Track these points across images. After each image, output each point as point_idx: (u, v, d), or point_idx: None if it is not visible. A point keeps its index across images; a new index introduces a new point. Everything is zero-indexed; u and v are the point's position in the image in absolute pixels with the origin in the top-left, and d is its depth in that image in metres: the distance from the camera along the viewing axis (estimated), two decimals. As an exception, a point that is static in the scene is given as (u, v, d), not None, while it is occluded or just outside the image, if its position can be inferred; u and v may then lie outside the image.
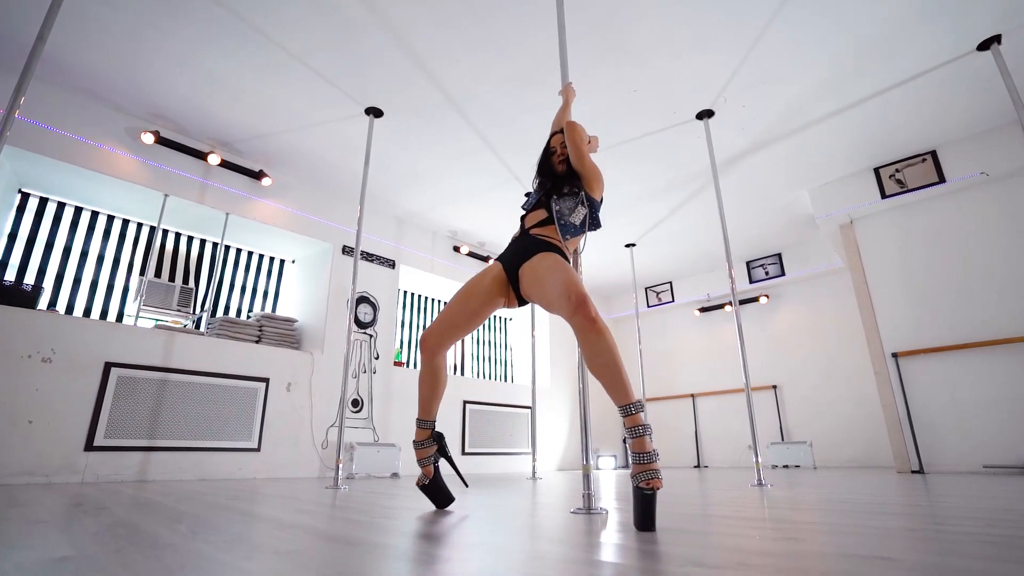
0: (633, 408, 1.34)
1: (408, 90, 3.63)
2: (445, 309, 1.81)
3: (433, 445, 1.84)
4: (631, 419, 1.33)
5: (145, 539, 1.12)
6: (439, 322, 1.78)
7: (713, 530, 1.30)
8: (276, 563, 0.90)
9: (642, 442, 1.31)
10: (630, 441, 1.34)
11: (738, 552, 0.98)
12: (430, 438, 1.82)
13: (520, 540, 1.20)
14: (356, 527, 1.36)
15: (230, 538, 1.14)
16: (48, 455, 3.06)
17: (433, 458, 1.84)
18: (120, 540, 1.11)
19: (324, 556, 0.97)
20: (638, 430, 1.32)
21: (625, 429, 1.35)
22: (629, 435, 1.34)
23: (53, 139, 3.52)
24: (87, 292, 3.97)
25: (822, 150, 4.36)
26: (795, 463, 5.50)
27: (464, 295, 1.78)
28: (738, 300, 6.89)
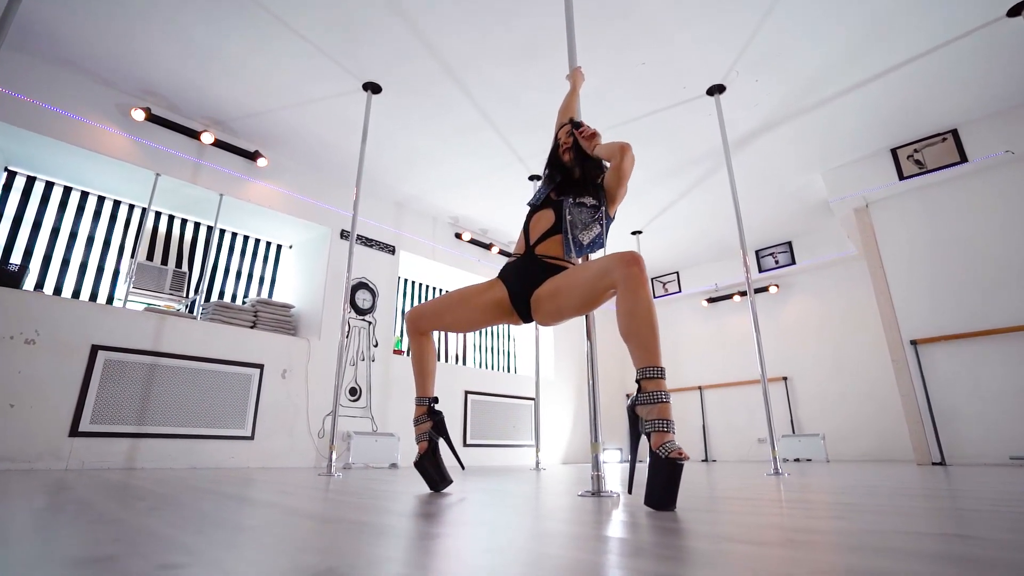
0: (660, 371, 1.23)
1: (407, 64, 3.47)
2: (442, 301, 1.80)
3: (428, 421, 1.77)
4: (655, 383, 1.22)
5: (90, 516, 0.98)
6: (432, 310, 1.79)
7: (737, 510, 1.15)
8: (228, 537, 0.76)
9: (666, 408, 1.20)
10: (650, 408, 1.20)
11: (779, 529, 0.83)
12: (426, 414, 1.78)
13: (524, 520, 1.05)
14: (337, 507, 1.22)
15: (188, 515, 1.00)
16: (30, 441, 2.93)
17: (429, 435, 1.75)
18: (61, 517, 0.97)
19: (289, 531, 0.83)
20: (662, 395, 1.21)
21: (643, 395, 1.22)
22: (650, 400, 1.21)
23: (40, 114, 3.39)
24: (76, 274, 3.84)
25: (837, 130, 4.18)
26: (807, 456, 5.33)
27: (461, 303, 1.76)
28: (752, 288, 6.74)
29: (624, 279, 1.33)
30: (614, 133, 4.17)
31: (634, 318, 1.29)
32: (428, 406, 1.77)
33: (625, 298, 1.32)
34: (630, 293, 1.31)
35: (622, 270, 1.34)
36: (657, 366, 1.24)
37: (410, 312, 1.80)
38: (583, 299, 1.50)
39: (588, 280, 1.47)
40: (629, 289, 1.31)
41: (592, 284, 1.46)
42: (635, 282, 1.31)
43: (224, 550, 0.66)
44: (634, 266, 1.33)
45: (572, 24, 2.44)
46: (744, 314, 6.73)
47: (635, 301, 1.30)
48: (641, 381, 1.24)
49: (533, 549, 0.70)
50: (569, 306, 1.55)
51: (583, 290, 1.49)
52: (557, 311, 1.59)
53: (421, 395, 1.78)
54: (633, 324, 1.29)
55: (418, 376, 1.79)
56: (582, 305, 1.53)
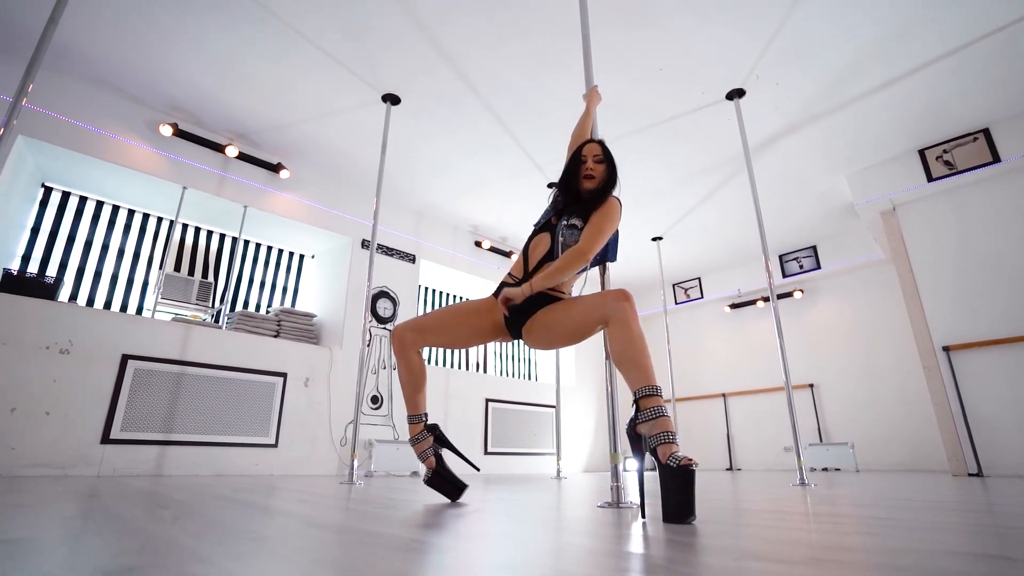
0: (656, 389, 1.28)
1: (426, 75, 3.52)
2: (433, 319, 1.78)
3: (429, 437, 1.75)
4: (652, 400, 1.27)
5: (116, 524, 1.00)
6: (420, 327, 1.75)
7: (761, 523, 1.12)
8: (246, 548, 0.77)
9: (667, 421, 1.23)
10: (651, 423, 1.23)
11: (803, 545, 0.81)
12: (423, 431, 1.75)
13: (542, 532, 1.04)
14: (355, 517, 1.23)
15: (210, 524, 1.02)
16: (65, 447, 3.02)
17: (432, 449, 1.75)
18: (89, 525, 0.99)
19: (306, 542, 0.83)
20: (661, 410, 1.25)
21: (643, 412, 1.26)
22: (650, 416, 1.24)
23: (74, 132, 3.52)
24: (107, 286, 3.96)
25: (862, 131, 4.09)
26: (835, 466, 5.19)
27: (456, 321, 1.77)
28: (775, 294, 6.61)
29: (615, 313, 1.39)
30: (633, 139, 4.15)
31: (627, 348, 1.35)
32: (423, 423, 1.74)
33: (617, 332, 1.38)
34: (622, 327, 1.37)
35: (613, 304, 1.40)
36: (652, 385, 1.28)
37: (396, 328, 1.73)
38: (575, 332, 1.56)
39: (580, 315, 1.52)
40: (620, 323, 1.37)
41: (583, 319, 1.51)
42: (626, 316, 1.37)
43: (240, 562, 0.67)
44: (624, 301, 1.39)
45: (588, 33, 2.44)
46: (768, 320, 6.60)
47: (627, 334, 1.36)
48: (639, 400, 1.28)
49: (549, 565, 0.69)
50: (561, 337, 1.61)
51: (575, 323, 1.54)
52: (548, 341, 1.65)
53: (413, 413, 1.73)
54: (627, 353, 1.35)
55: (409, 394, 1.73)
56: (573, 337, 1.58)
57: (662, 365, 6.60)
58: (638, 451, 1.26)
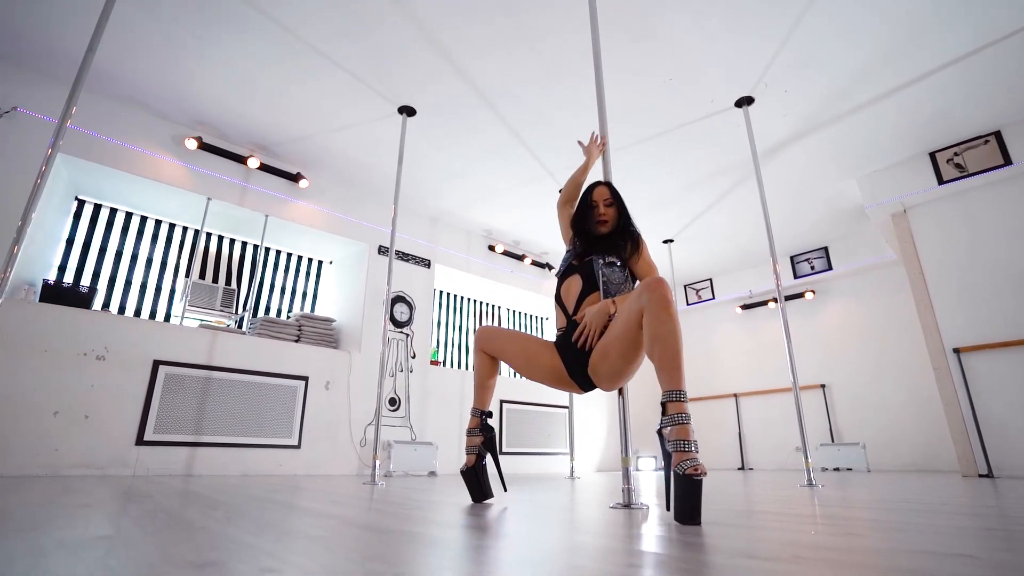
0: (683, 395, 1.31)
1: (440, 87, 3.63)
2: (512, 340, 1.87)
3: (479, 436, 1.86)
4: (677, 405, 1.30)
5: (180, 523, 1.13)
6: (501, 341, 1.87)
7: (761, 524, 1.22)
8: (304, 546, 0.88)
9: (686, 429, 1.27)
10: (672, 429, 1.28)
11: (791, 545, 0.91)
12: (478, 428, 1.87)
13: (557, 532, 1.15)
14: (389, 517, 1.34)
15: (262, 524, 1.14)
16: (102, 449, 3.19)
17: (478, 449, 1.85)
18: (158, 523, 1.12)
19: (353, 541, 0.95)
20: (683, 417, 1.28)
21: (666, 417, 1.30)
22: (671, 422, 1.29)
23: (105, 147, 3.69)
24: (137, 293, 4.14)
25: (872, 135, 4.13)
26: (847, 466, 5.23)
27: (525, 352, 1.84)
28: (784, 296, 6.64)
29: (649, 303, 1.39)
30: (645, 145, 4.23)
31: (658, 342, 1.35)
32: (481, 419, 1.86)
33: (650, 321, 1.38)
34: (653, 316, 1.36)
35: (647, 294, 1.40)
36: (679, 390, 1.30)
37: (483, 330, 1.91)
38: (629, 342, 1.51)
39: (624, 320, 1.51)
40: (653, 313, 1.37)
41: (627, 322, 1.49)
42: (659, 305, 1.36)
43: (305, 558, 0.78)
44: (657, 290, 1.38)
45: (599, 45, 2.52)
46: (780, 320, 6.63)
47: (659, 324, 1.35)
48: (666, 404, 1.31)
49: (567, 562, 0.80)
50: (621, 356, 1.55)
51: (623, 332, 1.51)
52: (614, 369, 1.60)
53: (475, 405, 1.88)
54: (657, 348, 1.36)
55: (477, 388, 1.89)
56: (630, 348, 1.52)
57: (674, 366, 6.63)
58: (664, 452, 1.32)
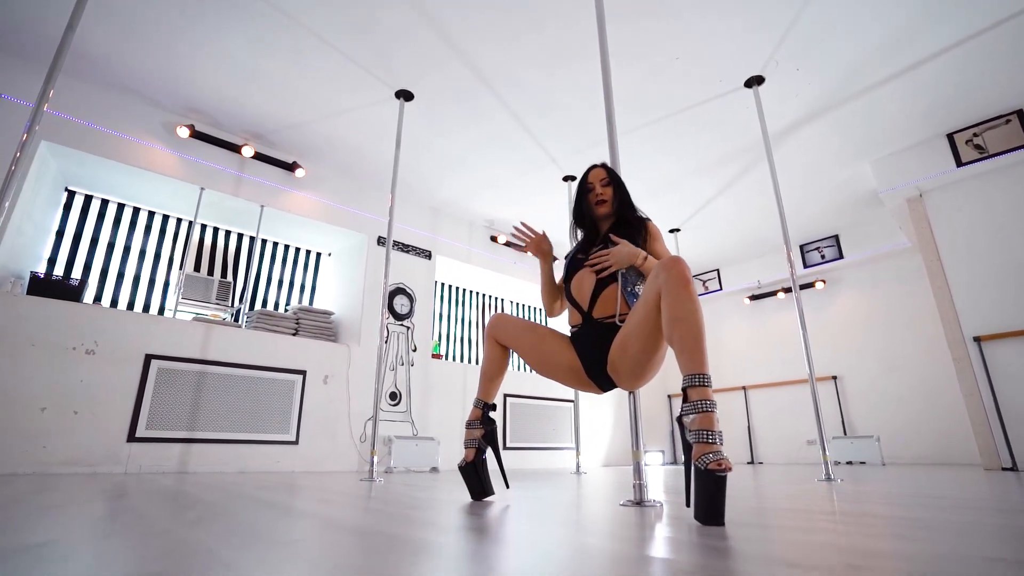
0: (706, 379, 1.17)
1: (439, 71, 3.50)
2: (526, 331, 1.75)
3: (480, 429, 1.75)
4: (700, 391, 1.16)
5: (141, 526, 1.01)
6: (514, 331, 1.76)
7: (790, 524, 1.09)
8: (270, 553, 0.77)
9: (710, 418, 1.13)
10: (694, 418, 1.15)
11: (835, 550, 0.78)
12: (479, 420, 1.76)
13: (563, 534, 1.03)
14: (379, 517, 1.22)
15: (233, 527, 1.02)
16: (93, 445, 3.09)
17: (477, 443, 1.74)
18: (117, 527, 1.00)
19: (330, 547, 0.83)
20: (706, 404, 1.15)
21: (688, 404, 1.17)
22: (693, 410, 1.15)
23: (95, 136, 3.58)
24: (130, 287, 4.04)
25: (887, 116, 3.97)
26: (860, 459, 5.09)
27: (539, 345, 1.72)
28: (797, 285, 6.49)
29: (666, 282, 1.28)
30: (648, 128, 4.09)
31: (678, 322, 1.23)
32: (484, 411, 1.75)
33: (667, 302, 1.27)
34: (672, 296, 1.26)
35: (664, 274, 1.29)
36: (701, 373, 1.17)
37: (497, 317, 1.79)
38: (649, 329, 1.39)
39: (643, 305, 1.40)
40: (671, 292, 1.26)
41: (647, 307, 1.37)
42: (676, 284, 1.25)
43: (262, 567, 0.66)
44: (674, 268, 1.27)
45: (604, 23, 2.40)
46: (789, 311, 6.49)
47: (677, 303, 1.24)
48: (687, 390, 1.18)
49: (576, 572, 0.67)
50: (641, 347, 1.43)
51: (644, 318, 1.39)
52: (635, 362, 1.47)
53: (479, 396, 1.76)
54: (677, 329, 1.24)
55: (482, 378, 1.78)
56: (651, 337, 1.40)
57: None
58: (685, 442, 1.19)
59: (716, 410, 1.14)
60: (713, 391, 1.17)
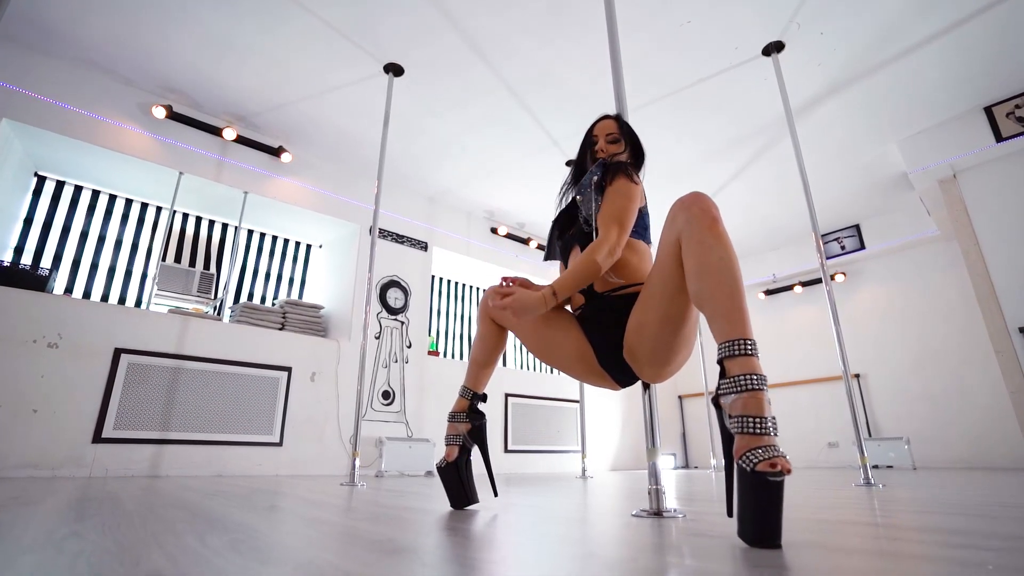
0: (748, 346, 0.85)
1: (430, 41, 3.23)
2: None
3: (466, 423, 1.42)
4: (743, 362, 0.84)
5: (30, 536, 0.74)
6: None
7: (862, 545, 0.80)
8: None
9: (758, 400, 0.81)
10: (735, 399, 0.83)
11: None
12: (465, 412, 1.43)
13: (566, 554, 0.74)
14: (329, 534, 0.94)
15: (140, 538, 0.74)
16: (54, 447, 2.83)
17: (461, 440, 1.41)
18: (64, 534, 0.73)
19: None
20: (753, 380, 0.82)
21: (727, 381, 0.85)
22: (734, 388, 0.83)
23: (65, 116, 3.34)
24: (104, 278, 3.79)
25: (918, 88, 3.66)
26: (887, 463, 4.75)
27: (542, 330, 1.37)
28: (809, 280, 6.17)
29: (685, 225, 0.96)
30: (656, 107, 3.80)
31: (707, 274, 0.92)
32: (471, 402, 1.43)
33: (690, 249, 0.95)
34: (695, 241, 0.94)
35: (682, 215, 0.97)
36: (743, 339, 0.85)
37: (490, 290, 1.41)
38: (671, 293, 1.07)
39: (659, 264, 1.08)
40: (693, 236, 0.94)
41: (664, 263, 1.06)
42: (699, 224, 0.94)
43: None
44: (694, 205, 0.96)
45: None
46: (807, 306, 6.17)
47: (703, 250, 0.93)
48: (724, 361, 0.86)
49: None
50: (662, 319, 1.11)
51: (661, 279, 1.08)
52: (656, 341, 1.15)
53: (466, 384, 1.45)
54: (705, 283, 0.92)
55: (473, 365, 1.46)
56: (674, 303, 1.08)
57: (694, 358, 6.21)
58: (724, 431, 0.87)
59: (767, 388, 0.83)
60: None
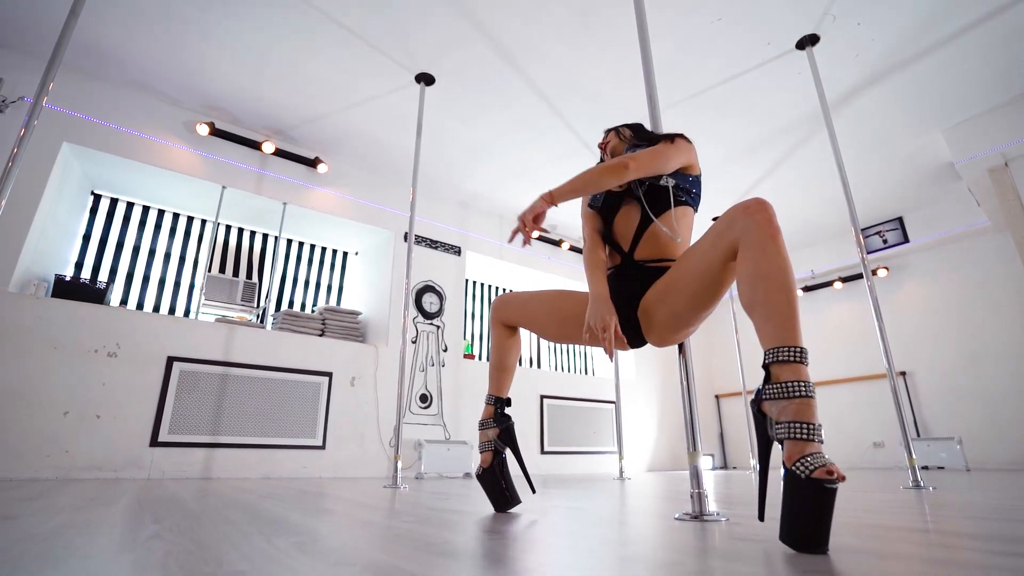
0: (799, 353, 0.88)
1: (459, 50, 3.29)
2: (535, 300, 1.51)
3: (494, 427, 1.50)
4: (794, 369, 0.87)
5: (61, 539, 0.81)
6: (520, 303, 1.52)
7: (914, 552, 0.79)
8: None
9: (809, 406, 0.84)
10: (786, 405, 0.85)
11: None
12: (492, 419, 1.51)
13: (607, 561, 0.77)
14: (379, 539, 0.99)
15: (215, 539, 0.80)
16: (115, 450, 3.00)
17: (493, 444, 1.49)
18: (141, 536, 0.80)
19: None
20: (803, 387, 0.85)
21: (775, 387, 0.87)
22: (784, 394, 0.86)
23: (115, 136, 3.52)
24: (156, 290, 3.98)
25: (963, 74, 3.51)
26: (938, 464, 4.57)
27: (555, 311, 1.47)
28: (850, 276, 5.99)
29: (746, 231, 1.00)
30: (687, 105, 3.77)
31: (763, 280, 0.95)
32: (496, 408, 1.51)
33: (750, 255, 0.99)
34: (756, 248, 0.98)
35: (744, 220, 1.01)
36: (795, 346, 0.88)
37: (499, 298, 1.57)
38: (708, 282, 1.14)
39: (704, 251, 1.13)
40: (755, 244, 0.98)
41: (709, 254, 1.11)
42: (762, 234, 0.98)
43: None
44: (759, 214, 0.99)
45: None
46: (847, 302, 5.99)
47: (764, 258, 0.96)
48: (771, 366, 0.89)
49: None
50: (691, 298, 1.19)
51: (700, 268, 1.14)
52: (673, 316, 1.24)
53: (490, 392, 1.54)
54: (761, 289, 0.95)
55: (492, 370, 1.55)
56: (706, 291, 1.16)
57: (731, 358, 6.11)
58: (762, 436, 0.91)
59: (815, 395, 0.85)
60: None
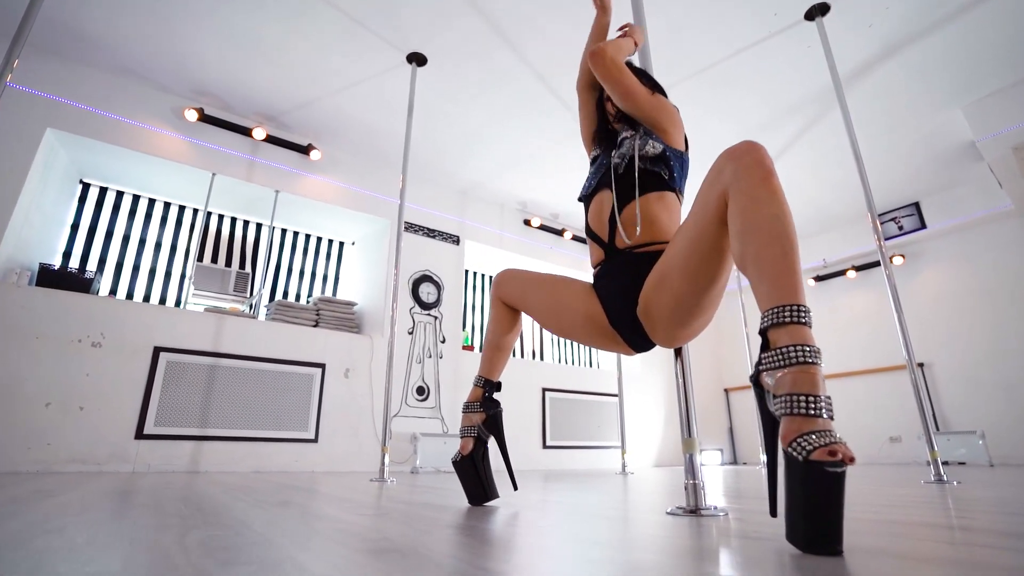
0: (799, 312, 0.72)
1: (452, 26, 3.15)
2: (535, 281, 1.37)
3: (479, 412, 1.36)
4: (793, 331, 0.71)
5: None
6: (520, 283, 1.38)
7: (938, 553, 0.65)
8: None
9: (811, 374, 0.68)
10: (784, 374, 0.70)
11: None
12: (479, 402, 1.37)
13: (583, 555, 0.63)
14: (348, 539, 0.86)
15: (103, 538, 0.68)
16: (99, 442, 2.91)
17: (476, 431, 1.35)
18: None
19: None
20: (804, 352, 0.69)
21: (772, 354, 0.72)
22: (781, 361, 0.70)
23: (101, 122, 3.43)
24: (146, 279, 3.89)
25: (983, 47, 3.31)
26: (957, 459, 4.37)
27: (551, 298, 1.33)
28: (864, 264, 5.78)
29: (734, 179, 0.84)
30: (690, 83, 3.60)
31: (754, 233, 0.80)
32: (485, 391, 1.37)
33: (740, 204, 0.83)
34: (746, 195, 0.82)
35: (731, 165, 0.85)
36: (794, 305, 0.73)
37: (502, 273, 1.43)
38: (700, 251, 0.96)
39: (695, 213, 0.96)
40: (744, 190, 0.82)
41: (700, 215, 0.94)
42: (752, 177, 0.81)
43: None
44: (747, 155, 0.83)
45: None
46: (861, 292, 5.79)
47: (755, 206, 0.80)
48: (768, 331, 0.74)
49: None
50: (686, 278, 1.01)
51: (693, 235, 0.97)
52: (675, 302, 1.05)
53: (480, 374, 1.40)
54: (752, 242, 0.80)
55: (486, 349, 1.42)
56: (704, 261, 0.97)
57: (740, 350, 5.94)
58: (764, 413, 0.75)
59: (821, 362, 0.70)
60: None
